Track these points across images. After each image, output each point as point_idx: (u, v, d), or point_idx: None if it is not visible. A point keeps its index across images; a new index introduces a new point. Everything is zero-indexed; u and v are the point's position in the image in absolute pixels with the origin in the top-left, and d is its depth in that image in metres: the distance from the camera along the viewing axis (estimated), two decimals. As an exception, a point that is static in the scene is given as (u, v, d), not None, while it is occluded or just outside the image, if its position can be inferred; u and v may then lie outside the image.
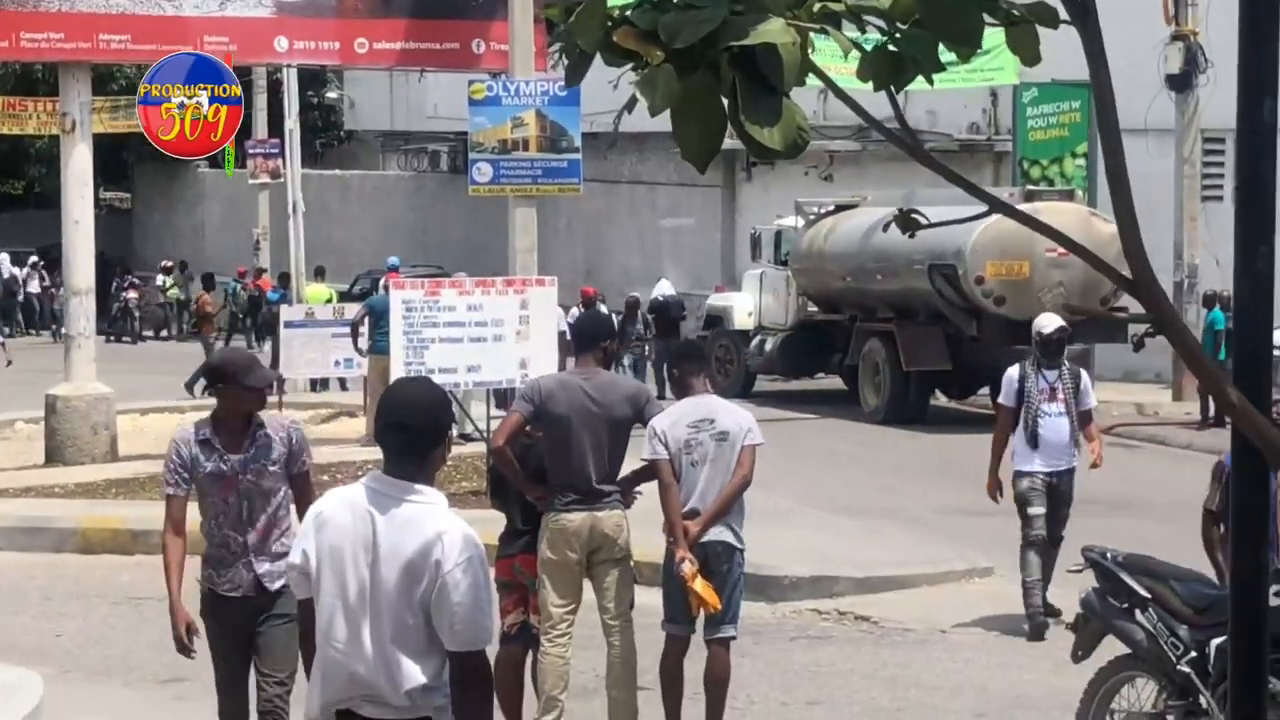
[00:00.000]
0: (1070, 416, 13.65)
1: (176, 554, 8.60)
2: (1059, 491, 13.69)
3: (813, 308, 30.66)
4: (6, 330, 46.47)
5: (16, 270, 51.05)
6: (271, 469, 8.52)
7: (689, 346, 11.56)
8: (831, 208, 30.22)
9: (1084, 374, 14.23)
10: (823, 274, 29.76)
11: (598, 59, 4.36)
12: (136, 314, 47.95)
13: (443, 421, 5.85)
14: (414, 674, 5.62)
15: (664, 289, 30.80)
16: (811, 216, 30.60)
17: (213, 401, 8.77)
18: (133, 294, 47.87)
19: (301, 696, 6.13)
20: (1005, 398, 13.89)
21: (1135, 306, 4.52)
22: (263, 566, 8.58)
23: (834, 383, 30.65)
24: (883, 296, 28.28)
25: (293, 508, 8.63)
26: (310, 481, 8.70)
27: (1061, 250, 24.62)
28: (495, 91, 22.43)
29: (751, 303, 31.65)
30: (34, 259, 51.03)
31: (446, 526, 5.62)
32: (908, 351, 27.00)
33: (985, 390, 28.49)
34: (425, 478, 5.76)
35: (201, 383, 31.65)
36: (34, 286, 50.92)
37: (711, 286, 36.28)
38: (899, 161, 26.18)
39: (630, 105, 4.40)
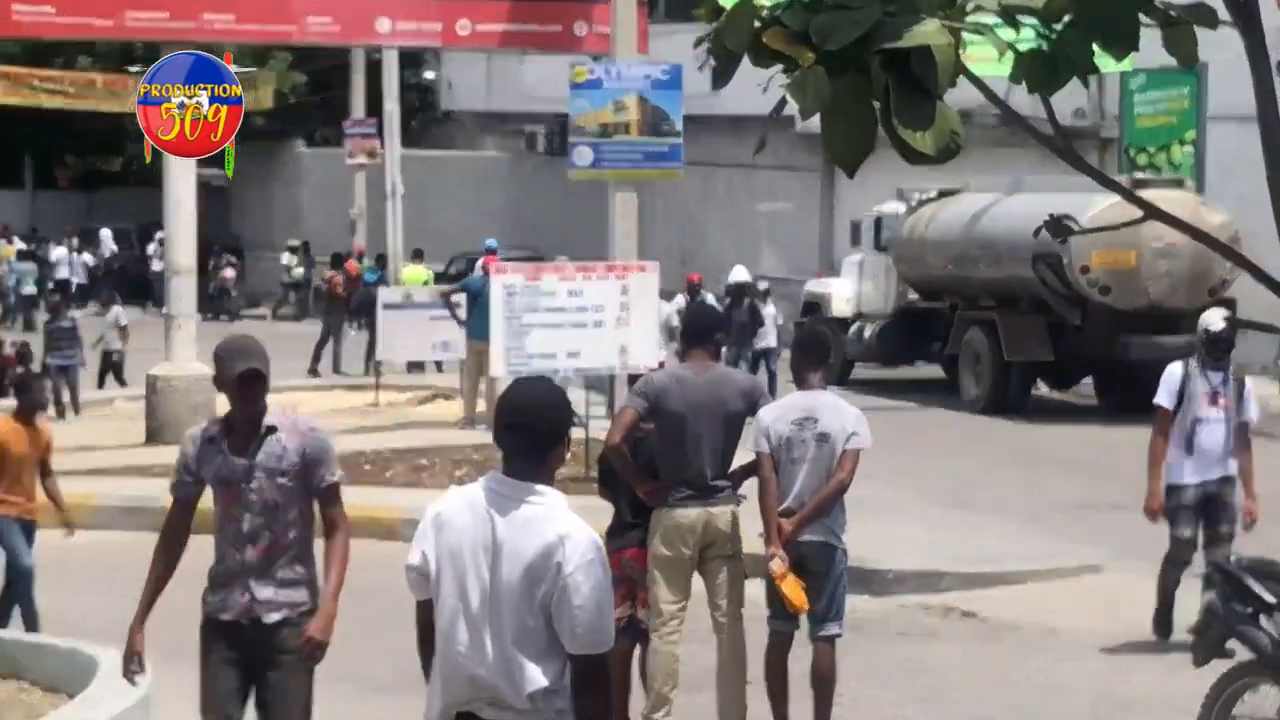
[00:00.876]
0: (1229, 425, 12.56)
1: (158, 567, 7.79)
2: (1218, 503, 12.59)
3: (913, 295, 30.44)
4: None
5: (115, 247, 51.22)
6: (280, 480, 7.54)
7: (809, 336, 11.23)
8: (934, 194, 29.95)
9: (1247, 381, 12.99)
10: (924, 261, 29.53)
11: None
12: (233, 292, 48.08)
13: (562, 422, 5.76)
14: (535, 677, 5.55)
15: (739, 274, 30.71)
16: (913, 203, 30.36)
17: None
18: (229, 272, 48.07)
19: None
20: (1164, 398, 12.64)
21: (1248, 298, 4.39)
22: (262, 592, 7.66)
23: (934, 371, 30.41)
24: (985, 284, 28.01)
25: (315, 530, 7.73)
26: (340, 499, 7.70)
27: (1170, 239, 24.51)
28: (597, 75, 22.35)
29: (851, 289, 31.46)
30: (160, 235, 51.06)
31: (568, 528, 5.54)
32: (1009, 341, 26.72)
33: (1088, 380, 28.25)
34: (545, 478, 5.69)
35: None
36: (157, 265, 50.43)
37: (810, 272, 36.08)
38: (1002, 147, 25.84)
39: (779, 108, 4.28)
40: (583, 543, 5.51)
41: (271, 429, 7.56)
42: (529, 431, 5.62)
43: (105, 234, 51.32)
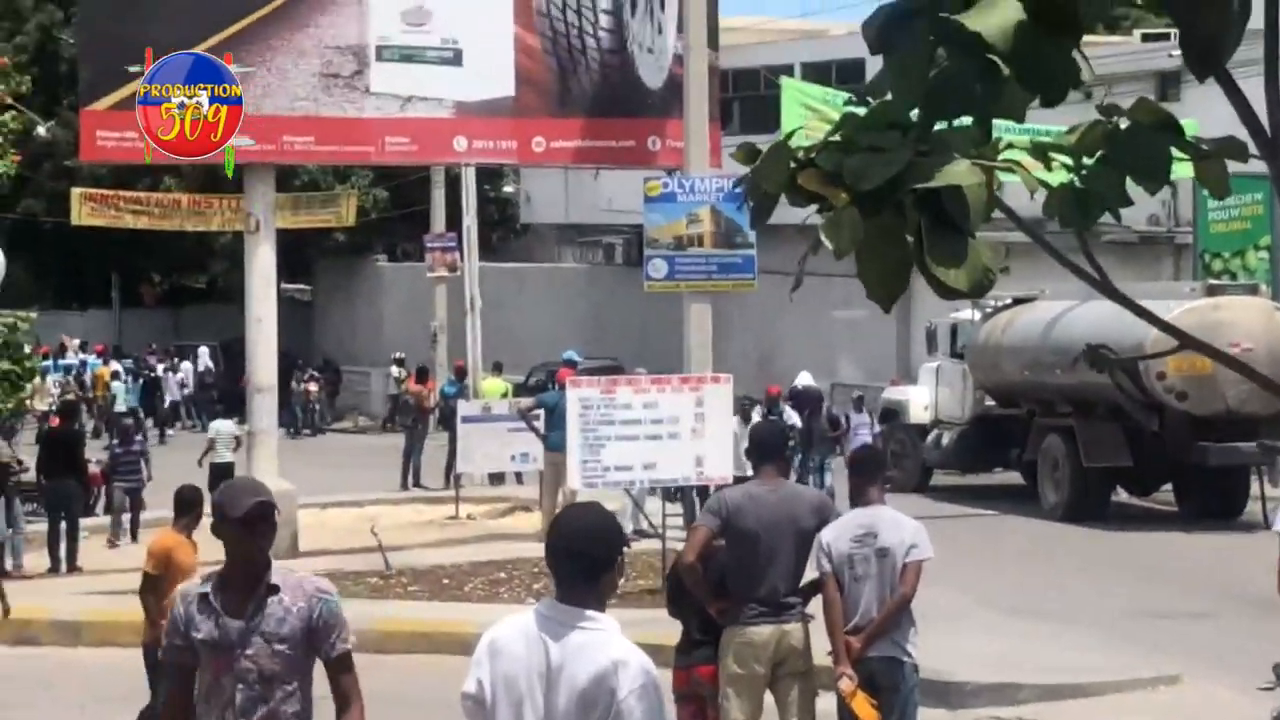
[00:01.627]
0: None
1: None
2: None
3: (990, 402, 30.40)
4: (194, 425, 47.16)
5: (211, 363, 51.60)
6: (279, 648, 6.59)
7: (867, 452, 11.37)
8: (1009, 301, 29.99)
9: None
10: (1000, 368, 29.51)
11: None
12: (317, 406, 48.34)
13: (614, 548, 5.78)
14: (588, 803, 5.58)
15: (804, 379, 30.81)
16: (988, 310, 30.38)
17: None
18: (313, 387, 48.42)
19: None
20: None
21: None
22: None
23: (1012, 478, 30.31)
24: (1061, 391, 27.95)
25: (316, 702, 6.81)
26: (353, 670, 6.77)
27: (1246, 344, 24.42)
28: (670, 188, 22.61)
29: (928, 396, 31.45)
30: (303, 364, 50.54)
31: (621, 654, 5.57)
32: (1088, 447, 26.63)
33: (1168, 487, 28.08)
34: (597, 604, 5.70)
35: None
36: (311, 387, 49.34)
37: (886, 379, 36.09)
38: (1076, 254, 25.86)
39: (815, 247, 4.42)
40: (636, 668, 5.55)
41: (274, 588, 6.61)
42: (581, 558, 5.68)
43: (203, 351, 51.83)
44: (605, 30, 23.91)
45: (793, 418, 27.54)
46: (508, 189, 54.65)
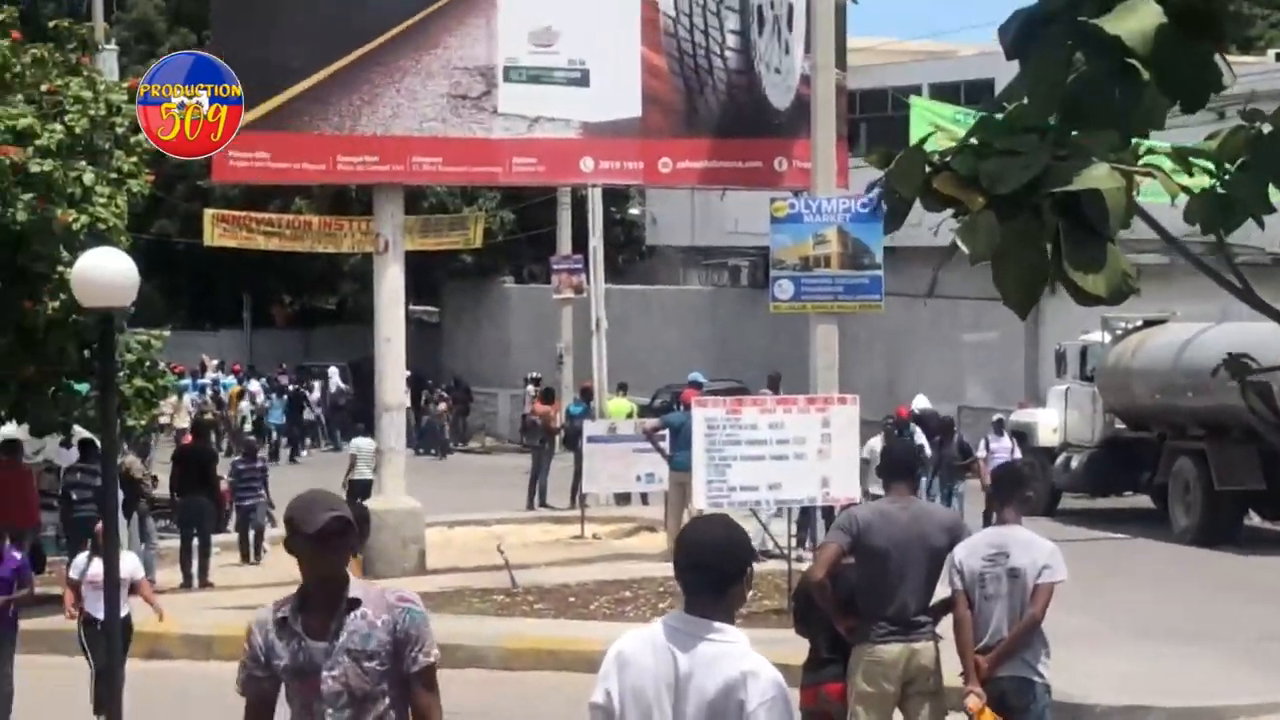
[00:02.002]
0: None
1: None
2: None
3: (1120, 425, 30.09)
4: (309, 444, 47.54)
5: (342, 384, 51.85)
6: (368, 665, 6.24)
7: (1007, 470, 11.26)
8: (1139, 323, 29.68)
9: None
10: (1130, 390, 29.20)
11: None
12: (445, 426, 48.55)
13: (742, 560, 5.74)
14: (722, 814, 5.55)
15: (921, 403, 30.60)
16: (1119, 332, 30.09)
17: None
18: (442, 407, 48.62)
19: None
20: None
21: None
22: None
23: (1142, 501, 29.97)
24: (1193, 413, 27.60)
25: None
26: (435, 685, 6.40)
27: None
28: (797, 209, 22.55)
29: (1057, 419, 31.18)
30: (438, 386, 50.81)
31: (751, 666, 5.53)
32: (1220, 470, 26.29)
33: (1302, 511, 27.67)
34: (725, 616, 5.66)
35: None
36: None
37: (1014, 402, 35.81)
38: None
39: (950, 252, 4.38)
40: (766, 681, 5.51)
41: (355, 603, 6.25)
42: (709, 570, 5.64)
43: (332, 371, 52.23)
44: (732, 50, 23.94)
45: (921, 440, 27.29)
46: (634, 211, 54.79)
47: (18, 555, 15.97)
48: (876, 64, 41.79)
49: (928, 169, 4.18)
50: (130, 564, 15.19)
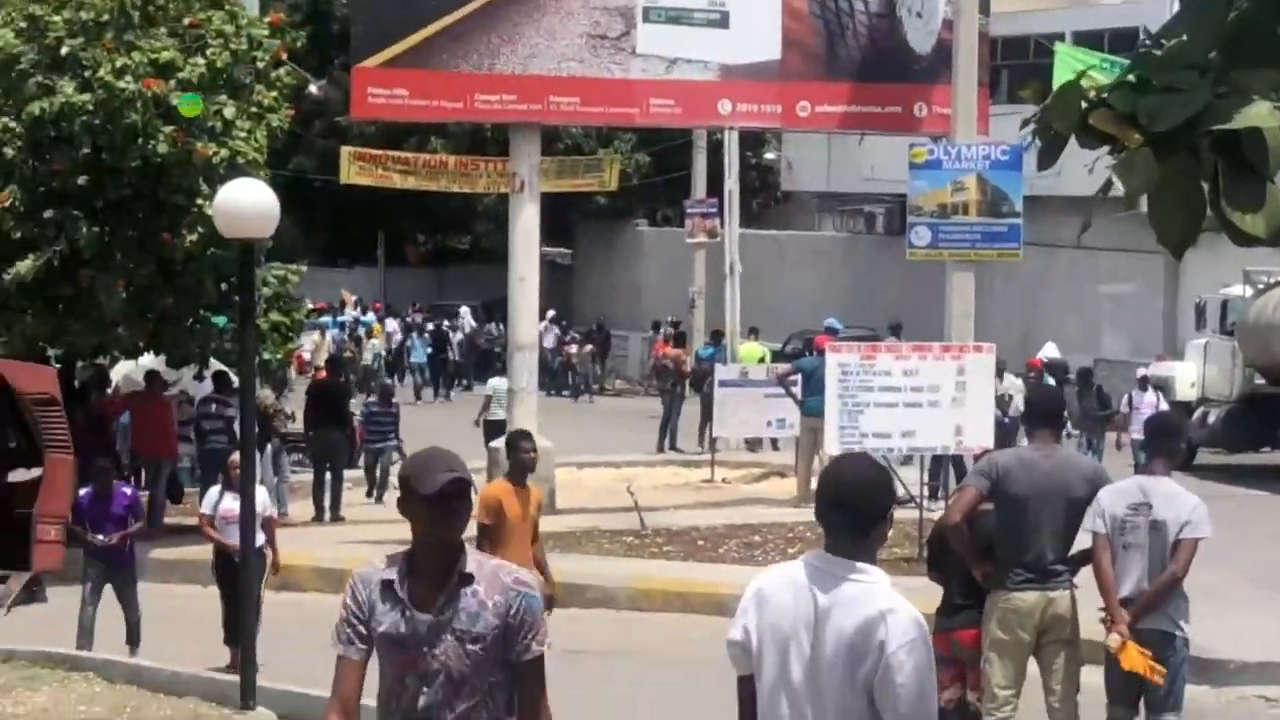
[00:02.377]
0: None
1: None
2: None
3: (1260, 380, 29.64)
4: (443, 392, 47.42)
5: (474, 323, 51.59)
6: (473, 648, 5.67)
7: (1159, 421, 11.09)
8: (1282, 276, 29.21)
9: None
10: (1271, 345, 28.73)
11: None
12: (588, 369, 48.35)
13: (885, 500, 5.72)
14: (858, 756, 5.51)
15: (1049, 351, 30.28)
16: (1261, 285, 29.62)
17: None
18: (574, 349, 48.61)
19: None
20: None
21: None
22: None
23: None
24: (1335, 369, 27.18)
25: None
26: (543, 679, 5.82)
27: None
28: (936, 155, 22.37)
29: (1195, 373, 30.78)
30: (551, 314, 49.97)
31: (891, 606, 5.49)
32: (1361, 427, 25.88)
33: None
34: (867, 556, 5.63)
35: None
36: (549, 341, 47.54)
37: (1152, 355, 35.40)
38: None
39: (1106, 189, 4.29)
40: (906, 621, 5.47)
41: (467, 578, 5.69)
42: (853, 509, 5.60)
43: (464, 311, 52.37)
44: (874, -7, 23.71)
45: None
46: (769, 156, 54.52)
47: (127, 491, 16.13)
48: (1020, 10, 41.27)
49: (1084, 105, 4.09)
50: (261, 499, 15.11)
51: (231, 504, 14.83)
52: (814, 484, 21.87)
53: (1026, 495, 9.72)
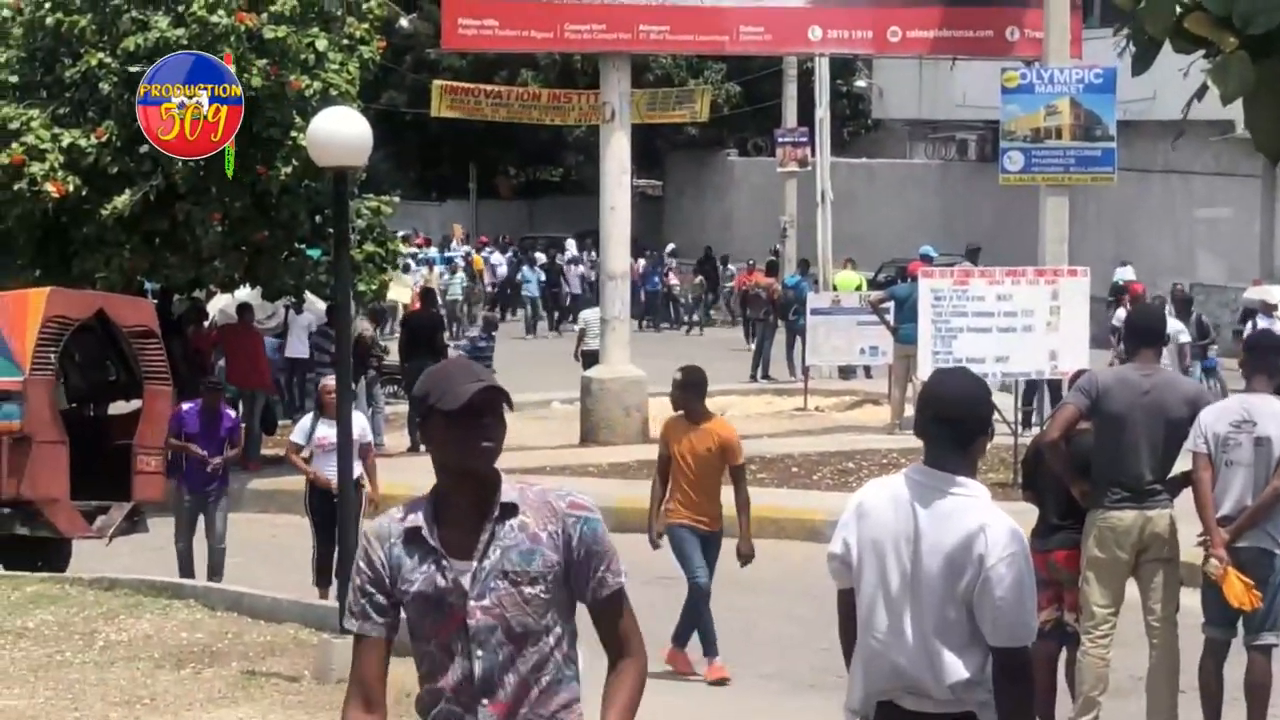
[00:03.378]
0: None
1: None
2: None
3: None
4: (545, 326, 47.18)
5: (577, 254, 50.83)
6: (531, 591, 4.66)
7: (1262, 338, 11.02)
8: (1381, 198, 28.84)
9: None
10: (1371, 267, 28.44)
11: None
12: (680, 300, 47.90)
13: (985, 413, 5.76)
14: (956, 668, 5.54)
15: (1126, 274, 30.00)
16: (1361, 207, 29.28)
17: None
18: (674, 280, 48.30)
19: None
20: None
21: None
22: None
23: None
24: None
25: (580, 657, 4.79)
26: (626, 612, 4.76)
27: None
28: (1029, 79, 22.20)
29: (1291, 296, 30.45)
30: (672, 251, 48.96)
31: (990, 519, 5.53)
32: None
33: None
34: (968, 469, 5.67)
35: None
36: (656, 280, 47.68)
37: (1249, 280, 35.03)
38: None
39: (1201, 93, 4.27)
40: (1005, 534, 5.49)
41: (510, 508, 4.66)
42: (955, 423, 5.61)
43: (570, 243, 52.28)
44: (965, -83, 23.51)
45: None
46: (860, 84, 54.23)
47: (232, 414, 16.27)
48: (1112, -68, 40.77)
49: (1178, 9, 4.05)
50: (360, 425, 14.83)
51: (326, 431, 14.41)
52: (908, 411, 21.90)
53: (1125, 414, 9.65)
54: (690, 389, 12.25)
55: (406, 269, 44.10)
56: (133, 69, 19.95)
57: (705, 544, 12.15)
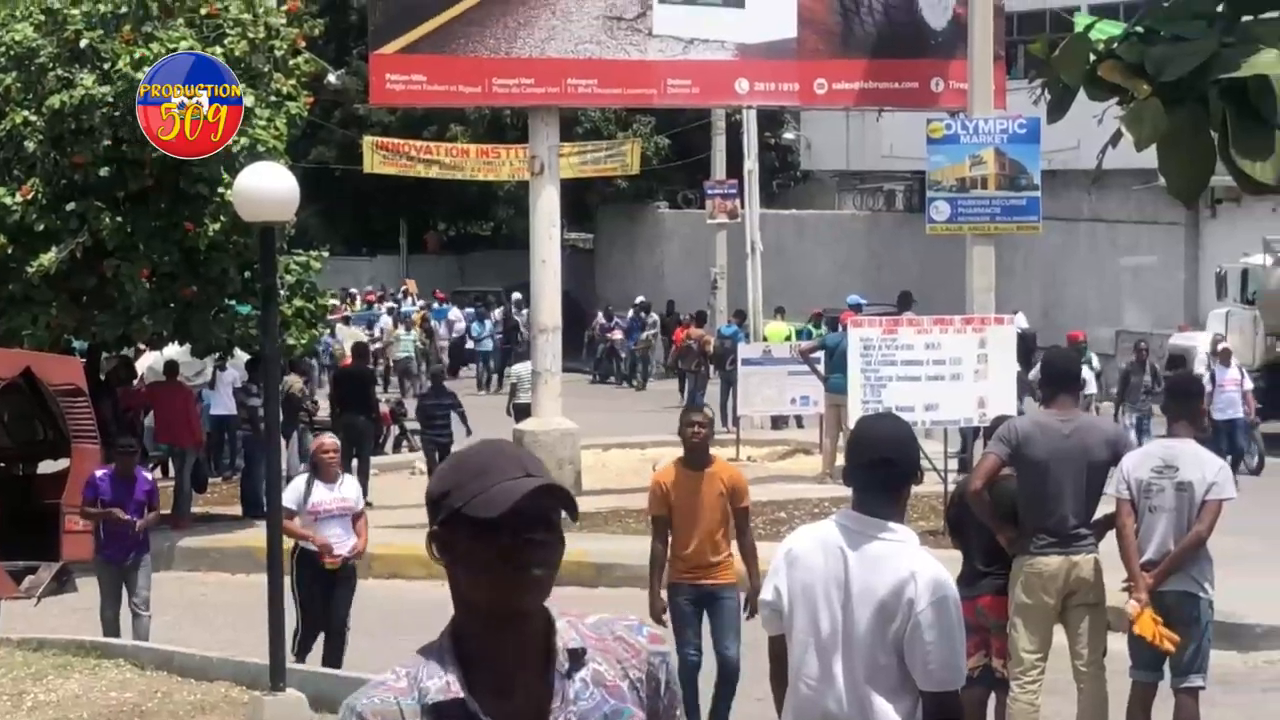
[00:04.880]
0: None
1: None
2: None
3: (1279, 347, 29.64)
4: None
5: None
6: None
7: (1184, 382, 11.12)
8: (1303, 245, 29.20)
9: None
10: (1293, 314, 28.76)
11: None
12: (623, 355, 46.93)
13: (913, 457, 5.82)
14: (887, 713, 5.58)
15: (1019, 322, 30.34)
16: (1281, 254, 29.63)
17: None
18: (617, 334, 48.08)
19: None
20: None
21: None
22: None
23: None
24: (1358, 337, 27.16)
25: None
26: None
27: None
28: (954, 130, 22.37)
29: (1217, 343, 30.76)
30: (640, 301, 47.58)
31: (919, 565, 5.57)
32: (1384, 395, 25.85)
33: None
34: (897, 514, 5.72)
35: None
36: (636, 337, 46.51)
37: (1173, 326, 35.37)
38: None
39: (1115, 140, 4.33)
40: (935, 579, 5.53)
41: (578, 655, 3.40)
42: (888, 467, 5.66)
43: (516, 296, 51.89)
44: (888, -31, 23.70)
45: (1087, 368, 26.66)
46: (788, 136, 54.51)
47: (149, 476, 15.95)
48: (1035, -16, 41.23)
49: (1092, 57, 4.13)
50: (354, 492, 13.88)
51: (323, 495, 13.47)
52: (839, 460, 21.90)
53: (1047, 460, 9.73)
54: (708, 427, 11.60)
55: (347, 321, 44.04)
56: (58, 127, 19.90)
57: (717, 602, 11.42)
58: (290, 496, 13.41)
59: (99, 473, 15.40)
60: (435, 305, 50.77)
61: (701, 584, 11.26)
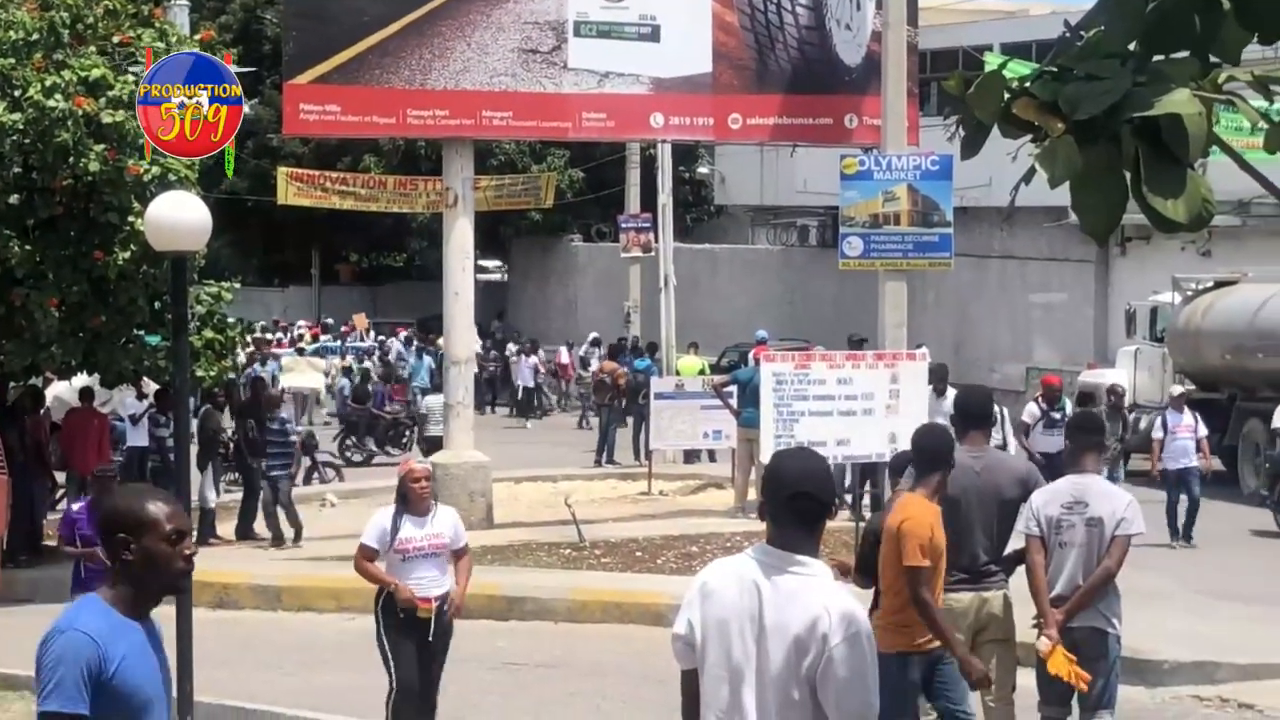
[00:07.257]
0: None
1: None
2: None
3: (1189, 385, 29.89)
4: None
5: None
6: None
7: (1086, 419, 11.21)
8: (1210, 284, 29.49)
9: None
10: (1200, 352, 29.02)
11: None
12: (545, 390, 46.22)
13: (832, 491, 5.82)
14: (799, 748, 5.55)
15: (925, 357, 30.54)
16: (1189, 292, 29.91)
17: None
18: (539, 367, 47.68)
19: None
20: None
21: None
22: None
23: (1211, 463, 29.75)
24: (1265, 375, 27.44)
25: None
26: None
27: None
28: (867, 166, 22.48)
29: (1126, 380, 31.01)
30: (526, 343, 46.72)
31: (833, 599, 5.55)
32: (1291, 432, 26.08)
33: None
34: (811, 549, 5.69)
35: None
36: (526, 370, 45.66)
37: (1083, 363, 35.67)
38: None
39: (1028, 177, 4.35)
40: (848, 614, 5.51)
41: None
42: (807, 501, 5.64)
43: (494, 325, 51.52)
44: (803, 6, 23.81)
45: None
46: (702, 170, 54.72)
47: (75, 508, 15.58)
48: (948, 23, 41.60)
49: (1006, 95, 4.16)
50: (453, 523, 11.82)
51: (414, 531, 11.45)
52: (752, 494, 21.95)
53: (960, 497, 9.77)
54: None
55: (301, 352, 43.77)
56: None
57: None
58: (373, 533, 11.52)
59: (75, 507, 15.10)
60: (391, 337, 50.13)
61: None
